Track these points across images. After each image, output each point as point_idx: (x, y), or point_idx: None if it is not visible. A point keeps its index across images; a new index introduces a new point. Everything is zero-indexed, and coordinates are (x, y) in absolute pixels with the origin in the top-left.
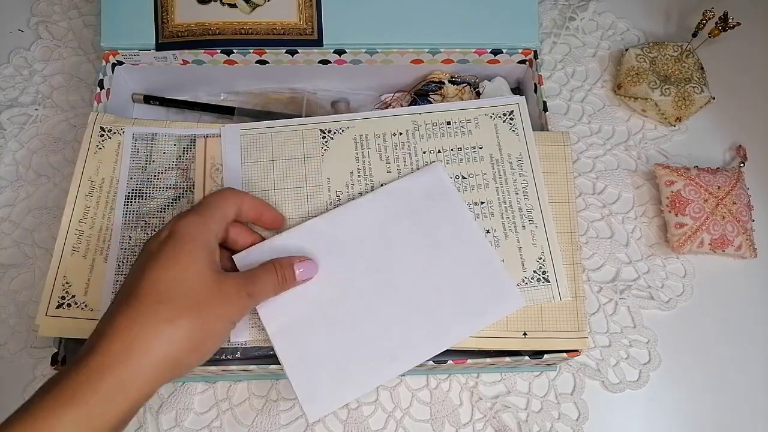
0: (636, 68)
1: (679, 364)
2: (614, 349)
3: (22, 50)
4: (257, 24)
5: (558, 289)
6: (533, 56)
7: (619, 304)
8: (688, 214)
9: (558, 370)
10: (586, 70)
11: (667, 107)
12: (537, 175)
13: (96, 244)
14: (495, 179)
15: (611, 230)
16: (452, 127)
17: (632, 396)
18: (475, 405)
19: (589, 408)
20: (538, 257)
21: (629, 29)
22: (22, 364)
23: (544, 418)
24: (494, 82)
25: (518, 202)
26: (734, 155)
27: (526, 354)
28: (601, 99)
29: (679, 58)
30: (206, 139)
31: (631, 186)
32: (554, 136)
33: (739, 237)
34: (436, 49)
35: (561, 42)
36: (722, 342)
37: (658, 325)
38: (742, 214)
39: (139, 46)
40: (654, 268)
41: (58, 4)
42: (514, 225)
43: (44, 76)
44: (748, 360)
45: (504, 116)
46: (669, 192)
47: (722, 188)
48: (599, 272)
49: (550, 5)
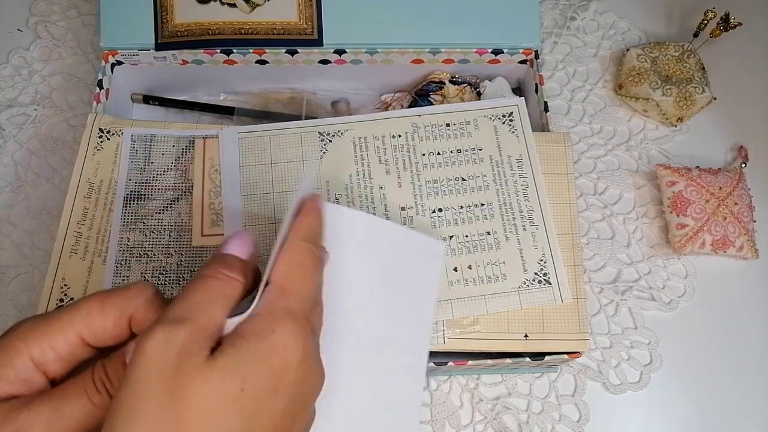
0: (637, 68)
1: (681, 366)
2: (615, 350)
3: (21, 50)
4: (257, 24)
5: (559, 291)
6: (534, 56)
7: (620, 305)
8: (689, 214)
9: (559, 372)
10: (587, 70)
11: (669, 107)
12: (537, 177)
13: (94, 246)
14: (495, 181)
15: (612, 231)
16: (451, 128)
17: (633, 397)
18: (475, 406)
19: (590, 409)
20: (539, 259)
21: (630, 29)
22: None
23: (545, 419)
24: (495, 82)
25: (519, 203)
26: (736, 155)
27: (527, 355)
28: (602, 99)
29: (680, 58)
30: (205, 140)
31: (632, 186)
32: (555, 137)
33: (740, 238)
34: (437, 49)
35: (562, 42)
36: (724, 343)
37: (659, 326)
38: (743, 215)
39: (139, 46)
40: (655, 269)
41: (57, 4)
42: (515, 227)
43: (43, 76)
44: (750, 361)
45: (503, 117)
46: (670, 192)
47: (724, 189)
48: (600, 273)
49: (551, 5)
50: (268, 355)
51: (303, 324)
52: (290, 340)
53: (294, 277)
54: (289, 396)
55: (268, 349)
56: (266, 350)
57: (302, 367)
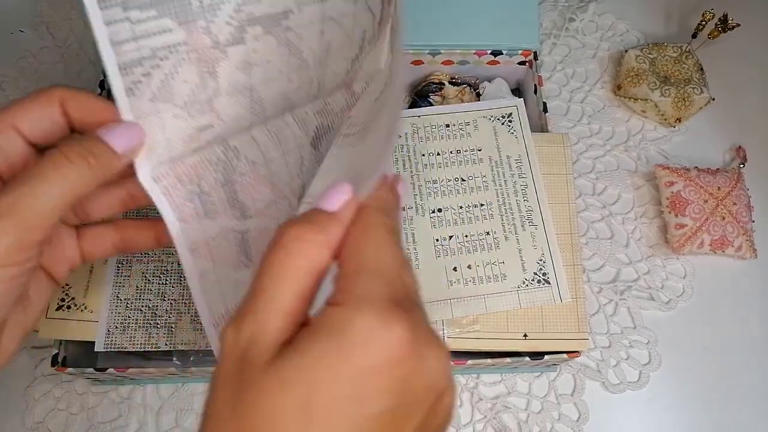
0: (636, 69)
1: (680, 365)
2: (614, 349)
3: (24, 51)
4: None
5: (558, 291)
6: (533, 57)
7: (619, 305)
8: (688, 214)
9: (558, 371)
10: (586, 71)
11: (667, 108)
12: (536, 177)
13: None
14: (494, 181)
15: (611, 231)
16: (451, 129)
17: (632, 397)
18: (475, 405)
19: (590, 409)
20: (538, 259)
21: (629, 30)
22: (23, 364)
23: (545, 418)
24: (494, 83)
25: (518, 203)
26: (734, 156)
27: (527, 355)
28: (600, 100)
29: (678, 59)
30: None
31: (631, 187)
32: (554, 138)
33: (739, 238)
34: (436, 50)
35: (561, 43)
36: (722, 342)
37: (658, 326)
38: (742, 215)
39: None
40: (654, 268)
41: (60, 5)
42: (514, 227)
43: (45, 76)
44: (749, 360)
45: (503, 118)
46: (669, 193)
47: (722, 189)
48: (599, 273)
49: (549, 6)
50: (345, 355)
51: (391, 309)
52: (376, 332)
53: (370, 255)
54: (388, 399)
55: (344, 348)
56: (342, 349)
57: (405, 361)
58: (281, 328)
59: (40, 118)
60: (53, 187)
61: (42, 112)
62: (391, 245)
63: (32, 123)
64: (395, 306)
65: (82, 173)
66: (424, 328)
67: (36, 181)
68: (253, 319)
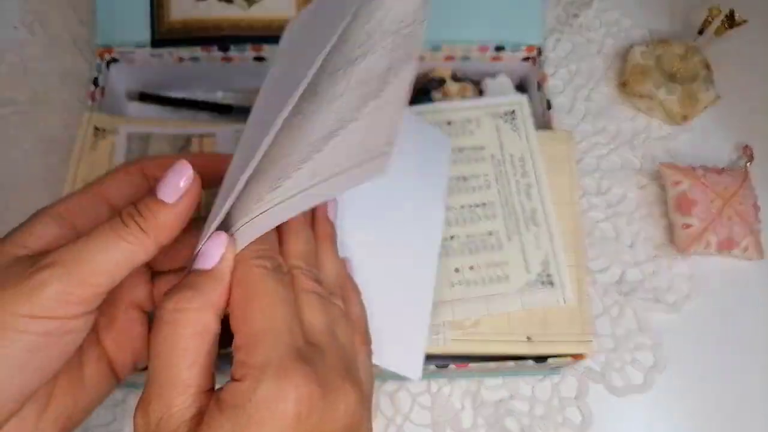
0: (641, 66)
1: (685, 368)
2: (619, 352)
3: (16, 47)
4: (255, 20)
5: (562, 292)
6: (537, 53)
7: (624, 307)
8: (694, 215)
9: (562, 374)
10: (590, 67)
11: (673, 106)
12: (540, 176)
13: None
14: (497, 180)
15: (616, 231)
16: (453, 127)
17: (637, 400)
18: (477, 410)
19: (594, 412)
20: (542, 260)
21: (634, 26)
22: None
23: (548, 423)
24: (497, 80)
25: (521, 203)
26: (741, 155)
27: (530, 358)
28: (605, 97)
29: (684, 56)
30: (202, 138)
31: (636, 186)
32: (558, 136)
33: (746, 238)
34: (438, 45)
35: (565, 39)
36: (729, 344)
37: (663, 328)
38: (748, 215)
39: (135, 43)
40: (660, 269)
41: (53, 1)
42: (518, 227)
43: (38, 73)
44: (755, 363)
45: (506, 116)
46: (675, 192)
47: (729, 188)
48: (604, 274)
49: (553, 2)
50: (256, 427)
51: (289, 368)
52: (280, 395)
53: (256, 318)
54: None
55: (253, 421)
56: (253, 421)
57: (313, 413)
58: (186, 405)
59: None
60: (109, 246)
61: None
62: (274, 296)
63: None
64: (294, 361)
65: (142, 241)
66: (329, 372)
67: (94, 236)
68: (157, 402)
